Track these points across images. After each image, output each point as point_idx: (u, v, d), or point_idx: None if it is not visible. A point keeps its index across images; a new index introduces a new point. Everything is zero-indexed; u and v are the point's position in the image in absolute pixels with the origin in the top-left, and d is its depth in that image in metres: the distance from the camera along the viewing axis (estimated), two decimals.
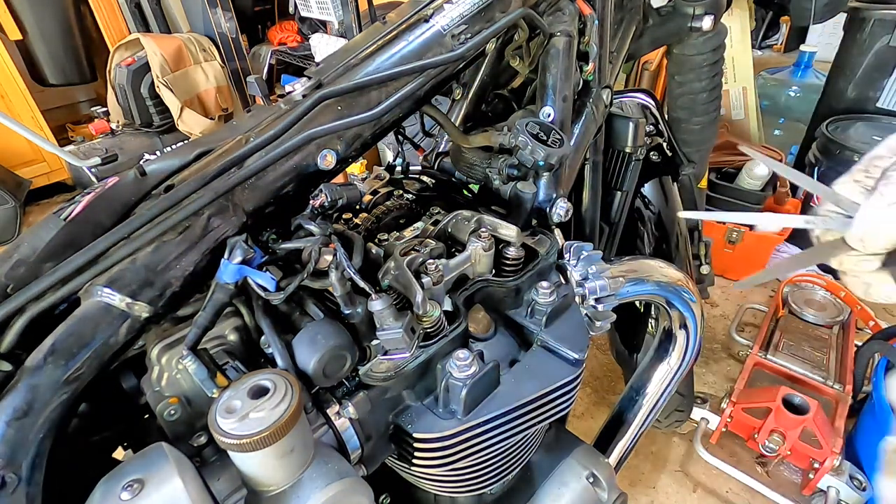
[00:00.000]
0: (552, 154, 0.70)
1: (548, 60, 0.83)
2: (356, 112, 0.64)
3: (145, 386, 0.58)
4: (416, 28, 0.71)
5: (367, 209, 0.79)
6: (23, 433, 0.42)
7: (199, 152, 0.61)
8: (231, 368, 0.56)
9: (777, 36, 4.56)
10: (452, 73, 0.77)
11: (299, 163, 0.62)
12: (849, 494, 1.46)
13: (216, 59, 3.55)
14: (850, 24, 2.37)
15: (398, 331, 0.57)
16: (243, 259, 0.54)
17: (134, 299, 0.51)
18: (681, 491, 1.67)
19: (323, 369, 0.55)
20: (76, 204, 0.56)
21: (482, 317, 0.71)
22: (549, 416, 0.73)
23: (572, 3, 0.87)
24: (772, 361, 1.79)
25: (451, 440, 0.63)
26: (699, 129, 1.27)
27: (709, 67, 1.18)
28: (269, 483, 0.46)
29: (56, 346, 0.46)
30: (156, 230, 0.53)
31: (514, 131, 0.71)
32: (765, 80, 3.17)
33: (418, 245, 0.67)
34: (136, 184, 0.59)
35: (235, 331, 0.61)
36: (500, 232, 0.71)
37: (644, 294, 0.93)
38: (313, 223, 0.61)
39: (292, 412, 0.43)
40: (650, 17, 1.15)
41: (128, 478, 0.41)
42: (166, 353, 0.56)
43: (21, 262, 0.53)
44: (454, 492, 0.73)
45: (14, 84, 3.25)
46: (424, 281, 0.61)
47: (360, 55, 0.69)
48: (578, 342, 0.70)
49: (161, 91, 3.38)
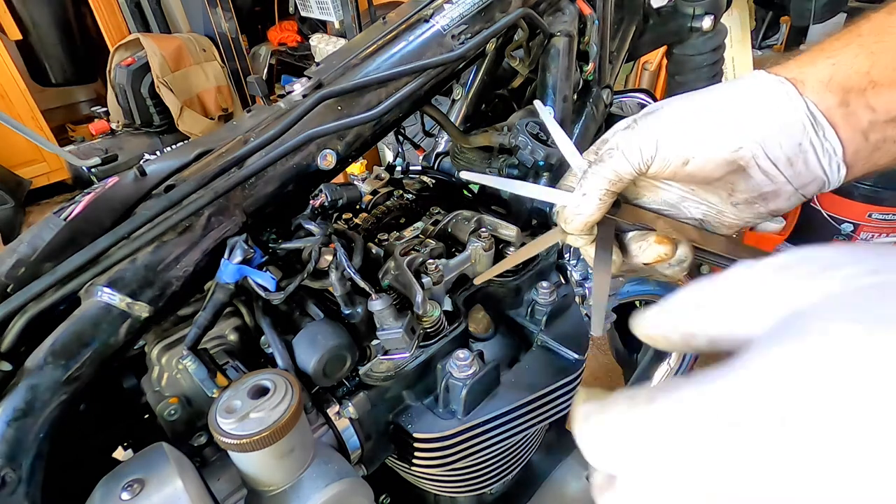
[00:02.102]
0: (552, 154, 0.70)
1: (548, 60, 0.83)
2: (356, 112, 0.64)
3: (145, 386, 0.58)
4: (416, 28, 0.71)
5: (367, 209, 0.79)
6: (23, 433, 0.42)
7: (199, 152, 0.61)
8: (231, 368, 0.56)
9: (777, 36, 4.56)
10: (452, 73, 0.77)
11: (299, 163, 0.62)
12: None
13: (216, 59, 3.54)
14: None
15: (398, 331, 0.57)
16: (243, 259, 0.54)
17: (134, 299, 0.51)
18: None
19: (323, 369, 0.55)
20: (76, 204, 0.56)
21: (482, 317, 0.72)
22: (549, 416, 0.73)
23: (572, 3, 0.87)
24: None
25: (451, 440, 0.63)
26: None
27: (709, 67, 1.18)
28: (269, 483, 0.46)
29: (56, 346, 0.46)
30: (156, 230, 0.53)
31: (514, 131, 0.71)
32: None
33: (418, 245, 0.67)
34: (136, 184, 0.59)
35: (235, 331, 0.61)
36: (500, 232, 0.71)
37: (644, 294, 0.93)
38: (313, 223, 0.61)
39: (292, 412, 0.43)
40: (650, 17, 1.15)
41: (128, 478, 0.42)
42: (166, 353, 0.56)
43: (21, 262, 0.53)
44: (454, 492, 0.73)
45: (14, 84, 3.24)
46: (424, 281, 0.61)
47: (360, 55, 0.69)
48: (578, 342, 0.70)
49: (161, 91, 3.37)
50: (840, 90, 0.37)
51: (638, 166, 0.41)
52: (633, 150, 0.41)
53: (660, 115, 0.41)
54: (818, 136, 0.38)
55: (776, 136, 0.38)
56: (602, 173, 0.42)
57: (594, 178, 0.43)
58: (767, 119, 0.38)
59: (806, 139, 0.38)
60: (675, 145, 0.40)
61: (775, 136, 0.38)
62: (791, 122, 0.38)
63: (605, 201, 0.43)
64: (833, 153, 0.39)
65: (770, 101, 0.39)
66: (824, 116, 0.38)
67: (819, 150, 0.38)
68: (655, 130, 0.40)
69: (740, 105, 0.39)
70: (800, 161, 0.39)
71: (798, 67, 0.39)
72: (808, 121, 0.38)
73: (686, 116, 0.40)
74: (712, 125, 0.39)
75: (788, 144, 0.38)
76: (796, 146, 0.38)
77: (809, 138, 0.38)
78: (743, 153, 0.39)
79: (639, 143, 0.41)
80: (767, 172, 0.40)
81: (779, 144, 0.38)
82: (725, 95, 0.40)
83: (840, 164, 0.39)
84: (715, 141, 0.39)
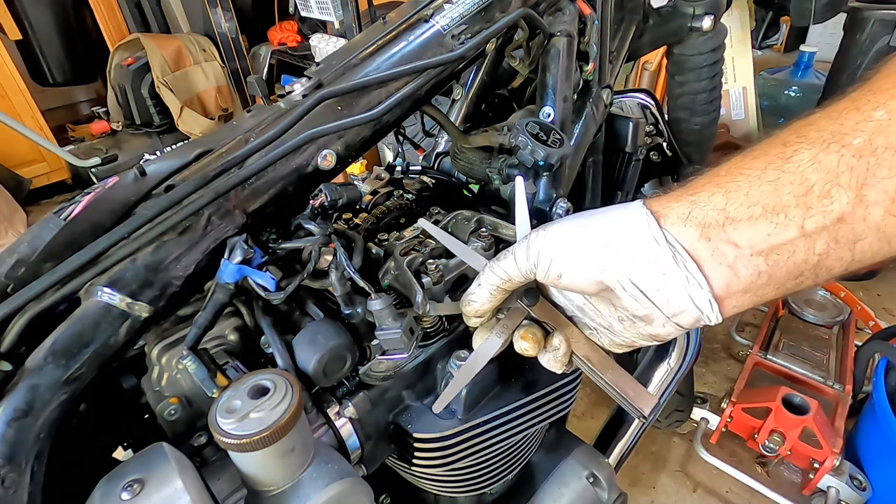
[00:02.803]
0: (552, 154, 0.70)
1: (548, 60, 0.83)
2: (356, 112, 0.64)
3: (145, 386, 0.58)
4: (416, 28, 0.71)
5: (367, 209, 0.79)
6: (23, 433, 0.42)
7: (199, 152, 0.61)
8: (231, 368, 0.56)
9: (777, 36, 4.56)
10: (452, 73, 0.77)
11: (299, 163, 0.62)
12: (849, 494, 1.46)
13: (216, 59, 3.55)
14: (850, 24, 2.37)
15: (397, 331, 0.57)
16: (243, 259, 0.54)
17: (134, 299, 0.51)
18: (681, 491, 1.67)
19: (323, 369, 0.55)
20: (76, 204, 0.56)
21: None
22: (548, 416, 0.73)
23: (572, 3, 0.87)
24: (772, 361, 1.79)
25: (451, 440, 0.63)
26: (699, 129, 1.27)
27: (709, 67, 1.18)
28: (269, 483, 0.46)
29: (56, 346, 0.46)
30: (156, 230, 0.53)
31: (514, 131, 0.71)
32: (765, 80, 3.17)
33: (418, 245, 0.67)
34: (136, 184, 0.59)
35: (235, 331, 0.61)
36: (500, 232, 0.71)
37: None
38: (313, 223, 0.61)
39: (292, 412, 0.43)
40: (650, 17, 1.15)
41: (128, 478, 0.42)
42: (166, 353, 0.56)
43: (21, 262, 0.53)
44: (454, 492, 0.73)
45: (14, 84, 3.24)
46: (424, 281, 0.61)
47: (360, 55, 0.69)
48: None
49: (161, 91, 3.38)
50: (699, 225, 0.41)
51: (525, 272, 0.48)
52: (521, 258, 0.48)
53: (548, 233, 0.48)
54: (679, 267, 0.41)
55: (639, 263, 0.43)
56: (496, 271, 0.50)
57: (489, 274, 0.50)
58: (631, 247, 0.43)
59: (669, 268, 0.42)
60: (552, 260, 0.46)
61: (638, 262, 0.43)
62: (651, 250, 0.42)
63: (496, 296, 0.50)
64: (699, 285, 0.41)
65: (634, 231, 0.43)
66: (684, 248, 0.41)
67: (683, 281, 0.41)
68: (541, 245, 0.47)
69: (611, 232, 0.45)
70: (667, 289, 0.42)
71: (666, 202, 0.44)
72: (669, 251, 0.41)
73: (566, 237, 0.47)
74: (584, 247, 0.45)
75: (651, 271, 0.42)
76: (660, 274, 0.42)
77: (672, 268, 0.41)
78: (606, 276, 0.44)
79: (526, 253, 0.48)
80: (634, 296, 0.44)
81: (642, 270, 0.43)
82: (604, 222, 0.46)
83: (710, 298, 0.42)
84: (584, 262, 0.45)
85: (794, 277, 0.40)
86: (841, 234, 0.37)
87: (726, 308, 0.43)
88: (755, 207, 0.39)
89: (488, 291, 0.50)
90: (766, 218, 0.39)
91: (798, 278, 0.40)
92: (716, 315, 0.43)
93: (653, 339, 0.48)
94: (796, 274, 0.40)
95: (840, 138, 0.36)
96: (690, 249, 0.41)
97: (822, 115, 0.38)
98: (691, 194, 0.42)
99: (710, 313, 0.42)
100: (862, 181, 0.35)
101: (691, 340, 1.04)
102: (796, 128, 0.39)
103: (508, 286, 0.50)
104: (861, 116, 0.36)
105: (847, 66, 2.42)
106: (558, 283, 0.47)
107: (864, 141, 0.35)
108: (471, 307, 0.52)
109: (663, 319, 0.44)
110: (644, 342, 0.49)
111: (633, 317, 0.46)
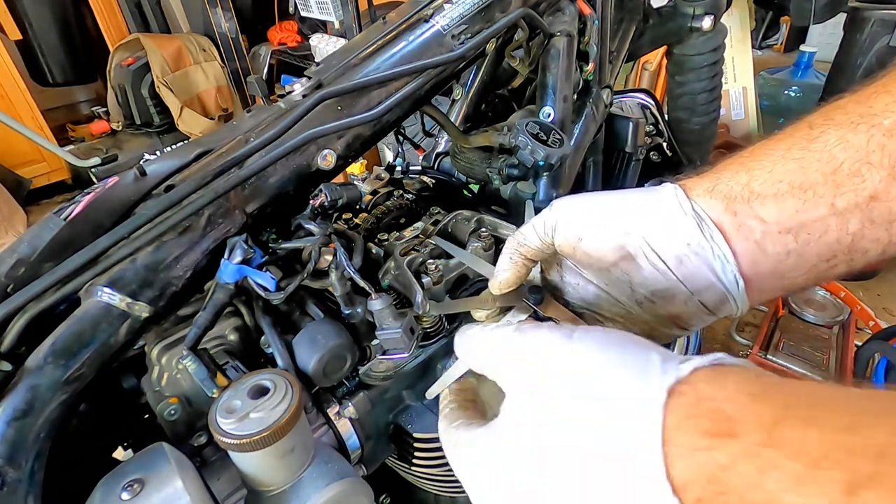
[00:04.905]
0: (552, 154, 0.70)
1: (548, 60, 0.83)
2: (356, 112, 0.64)
3: (145, 386, 0.58)
4: (416, 28, 0.71)
5: (367, 209, 0.79)
6: (23, 433, 0.42)
7: (199, 152, 0.61)
8: (231, 368, 0.56)
9: (777, 36, 4.56)
10: (452, 73, 0.77)
11: (299, 163, 0.62)
12: None
13: (216, 59, 3.54)
14: (850, 24, 2.37)
15: (397, 331, 0.57)
16: (243, 259, 0.54)
17: (134, 299, 0.51)
18: None
19: (323, 369, 0.55)
20: (76, 204, 0.56)
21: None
22: None
23: (572, 3, 0.87)
24: (772, 361, 1.79)
25: None
26: (699, 129, 1.27)
27: (709, 67, 1.18)
28: (269, 483, 0.46)
29: (56, 346, 0.46)
30: (156, 230, 0.53)
31: (514, 131, 0.71)
32: (765, 80, 3.17)
33: (418, 245, 0.67)
34: (136, 184, 0.59)
35: (235, 331, 0.61)
36: (500, 232, 0.71)
37: None
38: (313, 223, 0.61)
39: (292, 412, 0.43)
40: (650, 17, 1.15)
41: (128, 478, 0.42)
42: (166, 353, 0.56)
43: (21, 262, 0.53)
44: (454, 492, 0.73)
45: (14, 84, 3.24)
46: (424, 281, 0.61)
47: (360, 55, 0.69)
48: None
49: (161, 91, 3.38)
50: (723, 198, 0.40)
51: (542, 236, 0.47)
52: (539, 223, 0.47)
53: (567, 201, 0.47)
54: (706, 238, 0.40)
55: (662, 229, 0.41)
56: (516, 237, 0.49)
57: (510, 240, 0.50)
58: (655, 213, 0.42)
59: (694, 238, 0.40)
60: (571, 224, 0.45)
61: (661, 228, 0.41)
62: (677, 218, 0.41)
63: (516, 262, 0.49)
64: (725, 259, 0.40)
65: (660, 199, 0.42)
66: (711, 220, 0.40)
67: (709, 253, 0.40)
68: (560, 211, 0.46)
69: (635, 200, 0.43)
70: (690, 261, 0.41)
71: (689, 179, 0.43)
72: (695, 221, 0.40)
73: (587, 203, 0.46)
74: (605, 210, 0.44)
75: (676, 240, 0.41)
76: (684, 244, 0.40)
77: (697, 238, 0.40)
78: (630, 239, 0.42)
79: (545, 218, 0.47)
80: (656, 266, 0.42)
81: (665, 237, 0.41)
82: (626, 194, 0.45)
83: (736, 273, 0.40)
84: (605, 223, 0.43)
85: (826, 259, 0.38)
86: (876, 213, 0.36)
87: (753, 292, 0.41)
88: (781, 184, 0.38)
89: (508, 256, 0.49)
90: (793, 195, 0.37)
91: (830, 261, 0.38)
92: (741, 296, 0.40)
93: (674, 325, 0.46)
94: (828, 256, 0.38)
95: (869, 119, 0.35)
96: (717, 221, 0.40)
97: (850, 100, 0.37)
98: (714, 172, 0.41)
99: (736, 292, 0.40)
100: (895, 160, 0.34)
101: (691, 340, 1.04)
102: (823, 112, 0.38)
103: (527, 251, 0.48)
104: (891, 98, 0.35)
105: (847, 66, 2.42)
106: (577, 248, 0.45)
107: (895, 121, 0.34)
108: (495, 280, 0.50)
109: (685, 296, 0.42)
110: (664, 329, 0.47)
111: (653, 294, 0.44)
